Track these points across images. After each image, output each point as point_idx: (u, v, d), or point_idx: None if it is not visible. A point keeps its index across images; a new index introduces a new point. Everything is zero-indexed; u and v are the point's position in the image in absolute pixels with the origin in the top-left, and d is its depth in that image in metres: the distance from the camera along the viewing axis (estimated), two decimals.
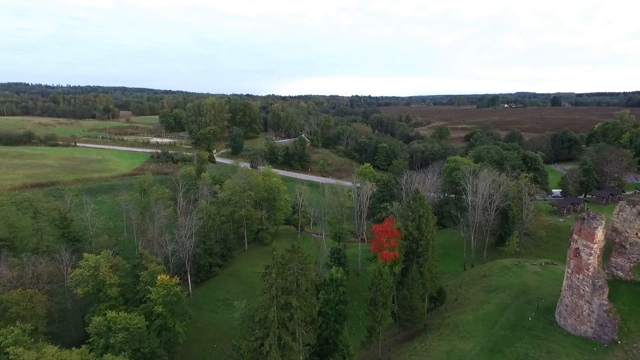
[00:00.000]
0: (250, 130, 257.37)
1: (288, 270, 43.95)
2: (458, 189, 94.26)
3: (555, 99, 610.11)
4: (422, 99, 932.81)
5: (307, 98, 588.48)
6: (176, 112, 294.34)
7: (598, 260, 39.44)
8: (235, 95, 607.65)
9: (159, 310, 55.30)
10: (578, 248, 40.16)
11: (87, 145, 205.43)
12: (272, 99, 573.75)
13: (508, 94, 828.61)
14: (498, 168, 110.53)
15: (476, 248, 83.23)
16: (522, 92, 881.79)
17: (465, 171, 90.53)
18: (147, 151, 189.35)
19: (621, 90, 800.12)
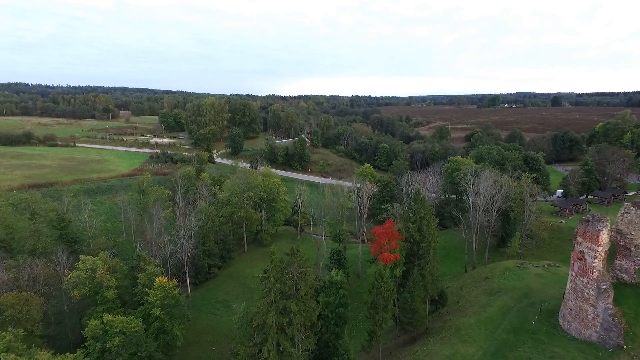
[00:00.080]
0: (250, 130, 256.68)
1: (287, 274, 43.28)
2: (459, 190, 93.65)
3: (555, 99, 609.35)
4: (422, 99, 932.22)
5: (307, 98, 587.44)
6: (176, 112, 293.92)
7: (603, 263, 38.76)
8: (235, 95, 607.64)
9: (157, 313, 54.75)
10: (582, 251, 39.45)
11: (87, 145, 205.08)
12: (272, 99, 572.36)
13: (508, 94, 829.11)
14: (499, 168, 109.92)
15: (477, 249, 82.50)
16: (523, 92, 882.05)
17: (466, 172, 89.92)
18: (147, 151, 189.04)
19: (621, 90, 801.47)
